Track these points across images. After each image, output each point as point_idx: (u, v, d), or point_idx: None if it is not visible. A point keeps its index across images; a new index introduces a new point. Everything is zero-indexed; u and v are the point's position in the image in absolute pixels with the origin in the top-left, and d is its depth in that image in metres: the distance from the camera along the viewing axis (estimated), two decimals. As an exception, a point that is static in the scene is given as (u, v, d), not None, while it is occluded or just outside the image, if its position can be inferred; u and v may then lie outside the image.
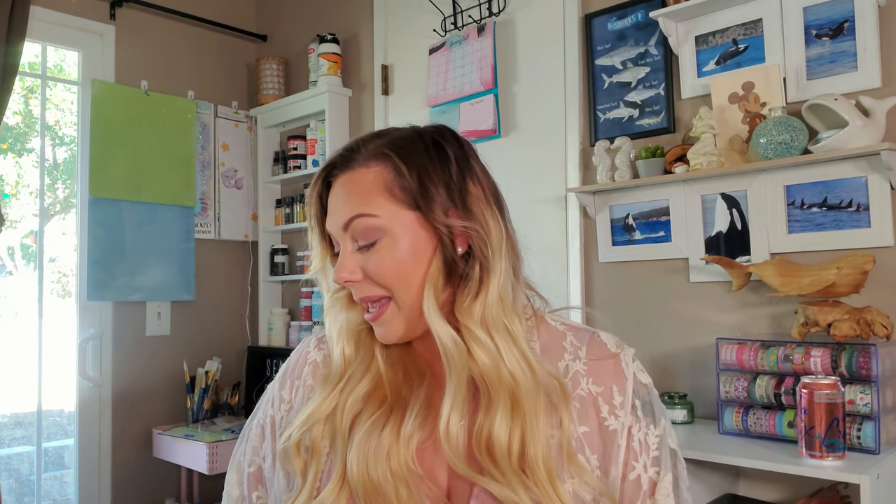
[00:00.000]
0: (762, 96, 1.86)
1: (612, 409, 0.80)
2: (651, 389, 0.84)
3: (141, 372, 2.92)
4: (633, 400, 0.81)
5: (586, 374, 0.81)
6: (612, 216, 2.17)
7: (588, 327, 0.87)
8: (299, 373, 0.89)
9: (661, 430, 0.82)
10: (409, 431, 0.76)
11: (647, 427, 0.81)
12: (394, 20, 2.85)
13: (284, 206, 3.16)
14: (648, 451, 0.80)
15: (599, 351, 0.83)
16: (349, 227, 0.78)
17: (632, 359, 0.84)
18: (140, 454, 2.89)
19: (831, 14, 1.78)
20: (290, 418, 0.86)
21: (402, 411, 0.78)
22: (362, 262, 0.78)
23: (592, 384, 0.81)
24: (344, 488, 0.76)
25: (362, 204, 0.77)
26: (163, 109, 2.99)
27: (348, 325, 0.83)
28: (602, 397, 0.80)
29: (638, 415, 0.80)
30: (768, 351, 1.65)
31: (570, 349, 0.83)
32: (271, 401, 0.90)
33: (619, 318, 2.15)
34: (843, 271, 1.61)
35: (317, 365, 0.88)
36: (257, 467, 0.89)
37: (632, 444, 0.79)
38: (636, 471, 0.79)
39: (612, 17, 2.19)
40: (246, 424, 0.94)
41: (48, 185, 2.94)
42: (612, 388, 0.81)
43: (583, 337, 0.84)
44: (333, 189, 0.81)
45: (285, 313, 3.15)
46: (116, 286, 2.82)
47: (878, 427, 1.49)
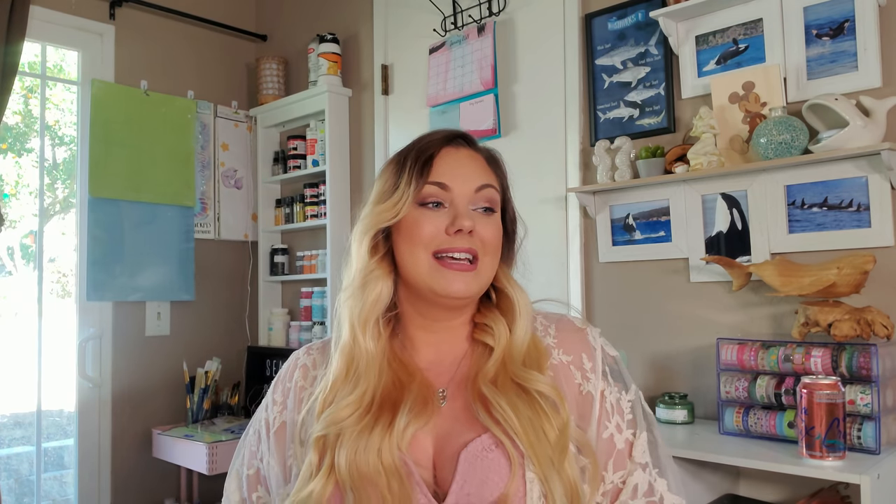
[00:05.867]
0: (762, 96, 1.86)
1: (584, 374, 0.90)
2: (619, 360, 0.94)
3: (141, 372, 2.92)
4: (602, 366, 0.91)
5: (556, 346, 0.92)
6: (612, 216, 2.17)
7: (556, 312, 0.98)
8: (290, 377, 0.96)
9: (633, 395, 0.92)
10: (401, 426, 0.82)
11: (618, 392, 0.91)
12: (394, 20, 2.85)
13: (284, 205, 3.16)
14: (622, 414, 0.90)
15: (567, 326, 0.95)
16: (481, 191, 0.90)
17: (598, 334, 0.95)
18: (140, 454, 2.88)
19: (832, 14, 1.78)
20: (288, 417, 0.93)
21: (392, 412, 0.84)
22: (477, 222, 0.88)
23: (563, 354, 0.91)
24: (331, 477, 0.81)
25: (492, 179, 0.92)
26: (162, 109, 2.99)
27: (381, 299, 0.89)
28: (573, 365, 0.91)
29: (609, 380, 0.91)
30: (769, 351, 1.65)
31: (541, 328, 0.94)
32: (265, 407, 0.97)
33: (619, 318, 2.15)
34: (843, 271, 1.60)
35: (307, 368, 0.95)
36: (255, 469, 0.95)
37: (604, 405, 0.89)
38: (609, 430, 0.89)
39: (613, 17, 2.19)
40: (241, 437, 1.00)
41: (48, 184, 2.94)
42: (582, 356, 0.91)
43: (551, 318, 0.96)
44: (454, 155, 0.91)
45: (285, 313, 3.15)
46: (116, 286, 2.82)
47: (878, 427, 1.49)
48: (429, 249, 0.87)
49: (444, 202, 0.88)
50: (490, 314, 0.92)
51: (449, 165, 0.89)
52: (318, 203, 2.98)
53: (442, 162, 0.89)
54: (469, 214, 0.88)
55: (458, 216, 0.87)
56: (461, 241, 0.86)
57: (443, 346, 0.92)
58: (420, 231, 0.87)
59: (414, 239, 0.87)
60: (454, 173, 0.89)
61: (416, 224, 0.87)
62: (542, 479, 0.79)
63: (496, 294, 0.93)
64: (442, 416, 0.86)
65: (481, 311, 0.93)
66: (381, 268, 0.90)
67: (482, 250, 0.87)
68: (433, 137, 0.92)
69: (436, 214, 0.88)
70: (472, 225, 0.86)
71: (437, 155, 0.90)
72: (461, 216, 0.86)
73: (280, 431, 0.93)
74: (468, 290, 0.87)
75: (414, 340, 0.92)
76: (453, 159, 0.90)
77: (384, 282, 0.89)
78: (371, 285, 0.89)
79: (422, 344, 0.92)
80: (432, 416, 0.85)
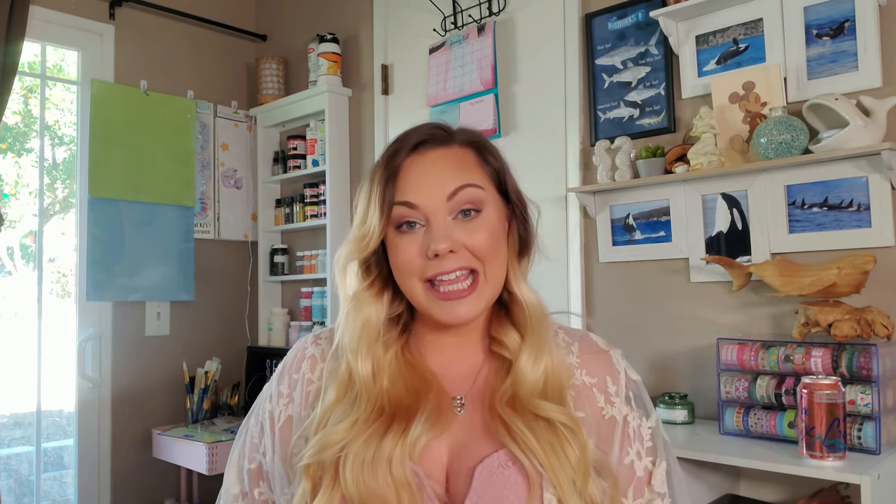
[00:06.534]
0: (763, 96, 1.86)
1: (607, 397, 0.86)
2: (640, 385, 0.90)
3: (140, 372, 2.92)
4: (626, 391, 0.87)
5: (580, 366, 0.87)
6: (612, 216, 2.16)
7: (578, 329, 0.93)
8: (297, 367, 0.90)
9: (654, 422, 0.88)
10: (416, 434, 0.78)
11: (640, 418, 0.87)
12: (394, 20, 2.84)
13: (284, 205, 3.16)
14: (642, 441, 0.86)
15: (590, 347, 0.90)
16: (455, 196, 0.81)
17: (621, 357, 0.90)
18: (139, 454, 2.88)
19: (832, 14, 1.78)
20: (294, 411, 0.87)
21: (406, 420, 0.79)
22: (459, 234, 0.81)
23: (586, 375, 0.87)
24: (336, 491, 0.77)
25: (470, 176, 0.83)
26: (162, 109, 2.99)
27: (370, 323, 0.84)
28: (597, 388, 0.86)
29: (632, 405, 0.87)
30: (769, 351, 1.65)
31: (563, 345, 0.89)
32: (269, 397, 0.91)
33: (619, 318, 2.15)
34: (843, 271, 1.60)
35: (315, 360, 0.89)
36: (258, 463, 0.90)
37: (627, 430, 0.86)
38: (630, 456, 0.85)
39: (613, 17, 2.19)
40: (241, 425, 0.95)
41: (47, 184, 2.94)
42: (606, 379, 0.87)
43: (574, 335, 0.91)
44: (419, 163, 0.83)
45: (285, 313, 3.15)
46: (116, 286, 2.82)
47: (878, 427, 1.49)
48: (419, 277, 0.81)
49: (418, 220, 0.81)
50: (502, 328, 0.87)
51: (415, 178, 0.82)
52: (318, 203, 2.98)
53: (407, 176, 0.82)
54: (444, 231, 0.80)
55: (433, 238, 0.79)
56: (447, 262, 0.80)
57: (460, 351, 0.88)
58: (401, 259, 0.82)
59: (400, 267, 0.82)
60: (420, 187, 0.81)
61: (396, 251, 0.82)
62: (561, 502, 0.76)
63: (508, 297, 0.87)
64: (458, 426, 0.82)
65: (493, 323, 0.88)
66: (371, 291, 0.85)
67: (476, 261, 0.81)
68: (399, 146, 0.84)
69: (413, 237, 0.81)
70: (447, 247, 0.79)
71: (401, 169, 0.83)
72: (436, 238, 0.79)
73: (286, 426, 0.88)
74: (471, 313, 0.81)
75: (429, 344, 0.88)
76: (419, 170, 0.82)
77: (374, 306, 0.84)
78: (359, 311, 0.84)
79: (437, 348, 0.88)
80: (448, 425, 0.81)
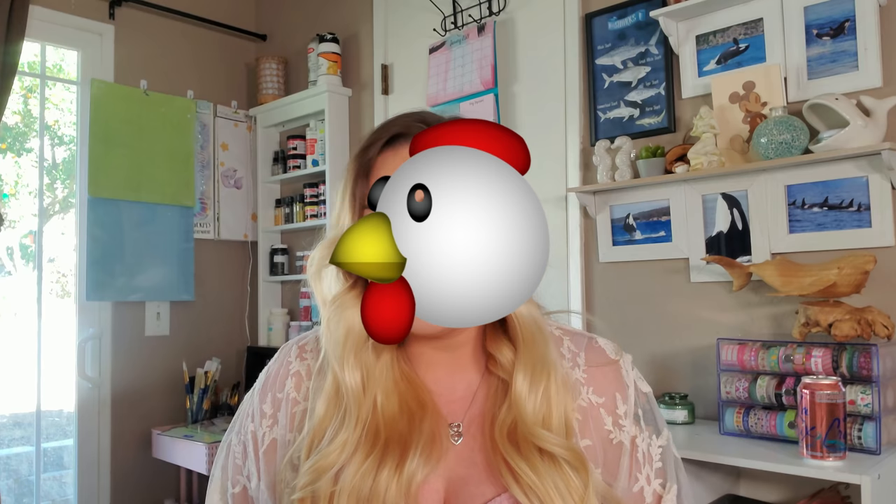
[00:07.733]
0: (763, 96, 1.86)
1: (616, 419, 0.79)
2: (651, 398, 0.83)
3: (140, 372, 2.92)
4: (635, 409, 0.80)
5: (586, 382, 0.79)
6: (612, 216, 2.16)
7: (585, 332, 0.85)
8: (281, 385, 0.83)
9: (664, 440, 0.81)
10: (412, 469, 0.71)
11: (649, 438, 0.80)
12: (394, 19, 2.84)
13: (284, 205, 3.16)
14: (651, 463, 0.79)
15: (598, 357, 0.81)
16: None
17: (631, 366, 0.82)
18: (139, 454, 2.88)
19: (832, 13, 1.78)
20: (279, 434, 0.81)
21: (401, 448, 0.72)
22: None
23: (593, 394, 0.79)
24: None
25: None
26: (162, 109, 2.98)
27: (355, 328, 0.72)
28: (604, 408, 0.79)
29: (641, 425, 0.80)
30: (769, 351, 1.65)
31: (569, 355, 0.81)
32: (251, 414, 0.84)
33: (619, 318, 2.15)
34: (843, 271, 1.60)
35: (301, 377, 0.82)
36: (242, 487, 0.84)
37: (636, 454, 0.79)
38: (639, 483, 0.78)
39: (613, 17, 2.19)
40: (224, 436, 0.88)
41: (47, 184, 2.94)
42: (615, 397, 0.79)
43: (580, 342, 0.82)
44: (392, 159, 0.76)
45: (285, 313, 3.15)
46: (115, 286, 2.82)
47: (878, 427, 1.49)
48: None
49: None
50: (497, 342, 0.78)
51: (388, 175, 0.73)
52: (318, 203, 2.98)
53: (379, 173, 0.75)
54: None
55: None
56: None
57: (453, 368, 0.79)
58: None
59: None
60: None
61: None
62: None
63: None
64: (456, 458, 0.75)
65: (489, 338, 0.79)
66: (354, 292, 0.74)
67: None
68: (373, 139, 0.78)
69: None
70: None
71: (374, 164, 0.76)
72: None
73: (270, 450, 0.81)
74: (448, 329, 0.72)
75: (419, 357, 0.78)
76: (391, 167, 0.74)
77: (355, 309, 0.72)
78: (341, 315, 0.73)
79: (427, 363, 0.78)
80: (444, 455, 0.74)
